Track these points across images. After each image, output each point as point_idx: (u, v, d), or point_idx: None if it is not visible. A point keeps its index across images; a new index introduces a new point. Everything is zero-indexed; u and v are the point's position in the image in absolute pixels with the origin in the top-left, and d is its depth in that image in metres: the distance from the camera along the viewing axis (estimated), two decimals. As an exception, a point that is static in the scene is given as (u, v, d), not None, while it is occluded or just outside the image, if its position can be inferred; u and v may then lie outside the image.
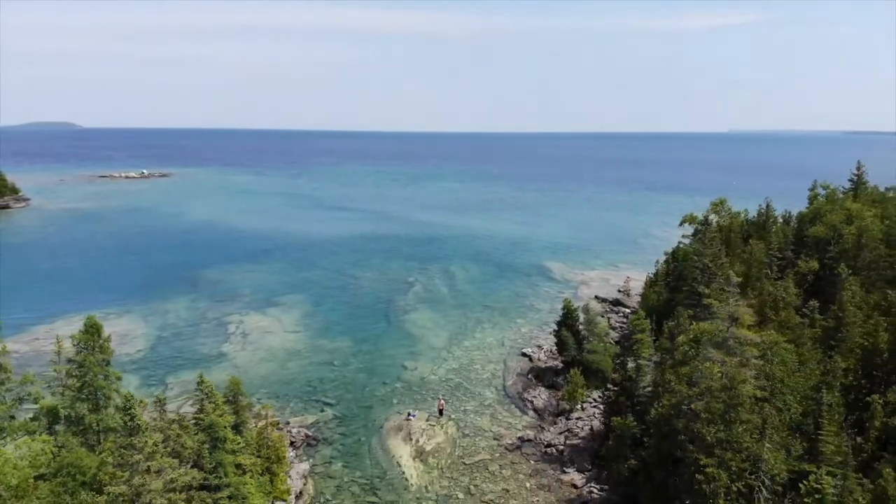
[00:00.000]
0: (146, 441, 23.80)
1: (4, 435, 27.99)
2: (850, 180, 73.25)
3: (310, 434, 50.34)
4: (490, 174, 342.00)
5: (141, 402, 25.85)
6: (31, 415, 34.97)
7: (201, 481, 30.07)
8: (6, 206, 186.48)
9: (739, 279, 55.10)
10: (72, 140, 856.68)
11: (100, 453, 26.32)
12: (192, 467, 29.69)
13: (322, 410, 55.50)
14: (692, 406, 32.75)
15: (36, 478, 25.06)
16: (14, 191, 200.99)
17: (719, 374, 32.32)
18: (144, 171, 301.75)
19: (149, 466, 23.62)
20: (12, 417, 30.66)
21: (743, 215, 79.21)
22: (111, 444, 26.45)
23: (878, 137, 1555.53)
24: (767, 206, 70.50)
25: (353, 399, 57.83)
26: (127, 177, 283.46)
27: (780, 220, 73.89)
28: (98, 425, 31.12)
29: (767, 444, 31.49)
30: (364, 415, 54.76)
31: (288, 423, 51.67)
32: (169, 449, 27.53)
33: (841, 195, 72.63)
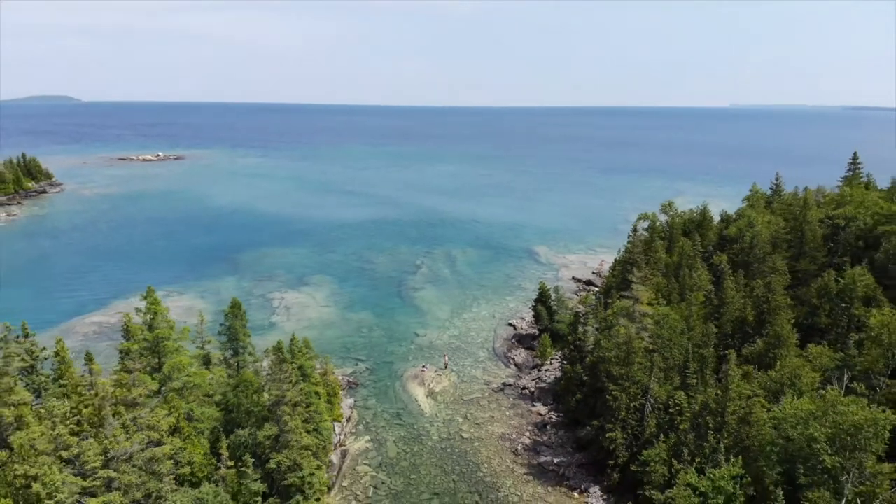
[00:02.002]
0: (288, 367, 41.93)
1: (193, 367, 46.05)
2: (770, 188, 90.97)
3: (350, 380, 69.25)
4: (486, 156, 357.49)
5: (294, 342, 43.79)
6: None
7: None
8: (43, 191, 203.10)
9: (670, 265, 73.43)
10: (76, 117, 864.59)
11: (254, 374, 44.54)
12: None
13: (356, 364, 74.37)
14: (607, 354, 51.24)
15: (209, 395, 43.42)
16: (48, 176, 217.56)
17: (623, 334, 50.66)
18: (160, 153, 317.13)
19: (291, 381, 41.72)
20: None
21: (693, 212, 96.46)
22: (263, 367, 44.70)
23: (879, 113, 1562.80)
24: (704, 207, 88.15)
25: (379, 356, 76.67)
26: (144, 159, 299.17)
27: (720, 218, 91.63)
28: (237, 364, 49.40)
29: (653, 378, 50.08)
30: (388, 367, 73.64)
31: (333, 372, 70.29)
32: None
33: (768, 197, 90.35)
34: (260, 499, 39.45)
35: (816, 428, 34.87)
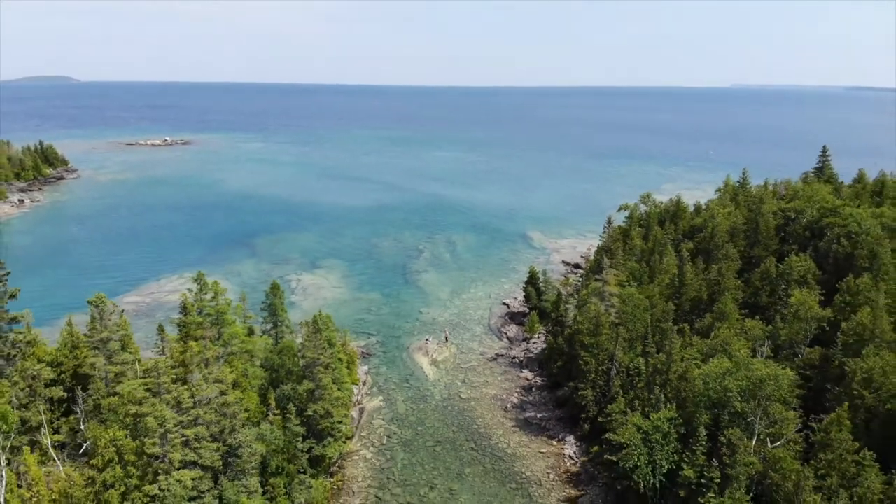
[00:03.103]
0: (322, 336, 52.27)
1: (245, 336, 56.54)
2: (738, 182, 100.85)
3: (364, 350, 80.00)
4: (485, 141, 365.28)
5: (319, 317, 54.27)
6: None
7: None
8: (61, 178, 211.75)
9: (643, 252, 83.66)
10: (75, 98, 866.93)
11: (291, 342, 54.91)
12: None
13: (369, 338, 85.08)
14: (580, 327, 61.77)
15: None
16: (64, 162, 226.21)
17: (593, 310, 61.12)
18: (167, 138, 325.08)
19: (324, 347, 52.11)
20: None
21: (671, 202, 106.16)
22: (298, 335, 55.22)
23: (880, 94, 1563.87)
24: (678, 198, 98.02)
25: (388, 331, 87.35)
26: (152, 144, 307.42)
27: (694, 208, 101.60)
28: (276, 335, 59.89)
29: (618, 347, 60.65)
30: (396, 340, 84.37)
31: (350, 343, 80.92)
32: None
33: (736, 189, 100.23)
34: (300, 439, 50.16)
35: (730, 381, 45.43)
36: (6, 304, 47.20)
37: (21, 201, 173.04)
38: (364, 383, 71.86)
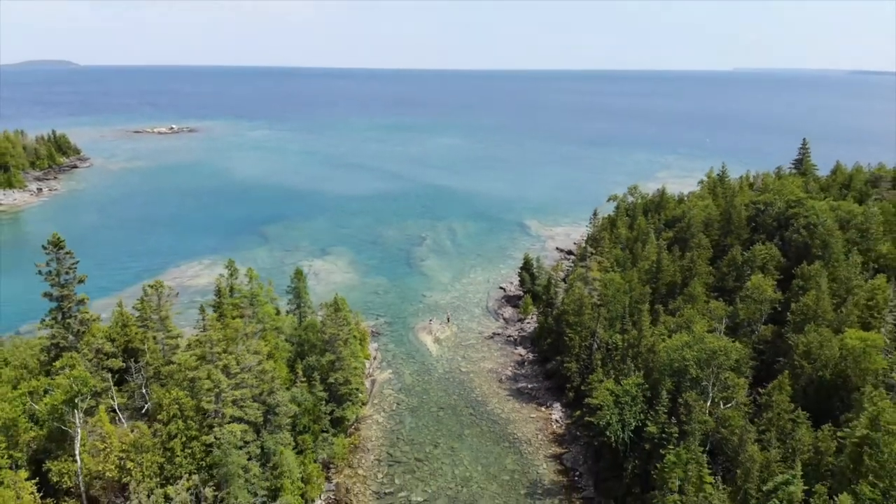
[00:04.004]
0: (341, 315, 60.58)
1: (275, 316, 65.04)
2: (717, 174, 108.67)
3: (374, 329, 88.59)
4: (483, 127, 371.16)
5: (337, 300, 62.76)
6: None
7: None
8: (74, 166, 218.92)
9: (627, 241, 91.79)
10: (77, 84, 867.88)
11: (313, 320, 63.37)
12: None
13: (377, 319, 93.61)
14: (566, 308, 70.20)
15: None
16: (76, 151, 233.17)
17: (577, 293, 69.51)
18: (173, 126, 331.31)
19: (343, 325, 60.46)
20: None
21: (658, 192, 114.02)
22: (318, 316, 63.76)
23: (883, 78, 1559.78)
24: (663, 189, 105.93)
25: (395, 313, 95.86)
26: (159, 132, 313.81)
27: (676, 198, 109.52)
28: (300, 314, 68.34)
29: (599, 325, 69.10)
30: (402, 321, 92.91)
31: (361, 323, 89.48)
32: (333, 324, 64.75)
33: (715, 181, 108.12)
34: (324, 403, 58.81)
35: (688, 352, 53.88)
36: (75, 288, 55.40)
37: (39, 190, 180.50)
38: (374, 358, 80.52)
